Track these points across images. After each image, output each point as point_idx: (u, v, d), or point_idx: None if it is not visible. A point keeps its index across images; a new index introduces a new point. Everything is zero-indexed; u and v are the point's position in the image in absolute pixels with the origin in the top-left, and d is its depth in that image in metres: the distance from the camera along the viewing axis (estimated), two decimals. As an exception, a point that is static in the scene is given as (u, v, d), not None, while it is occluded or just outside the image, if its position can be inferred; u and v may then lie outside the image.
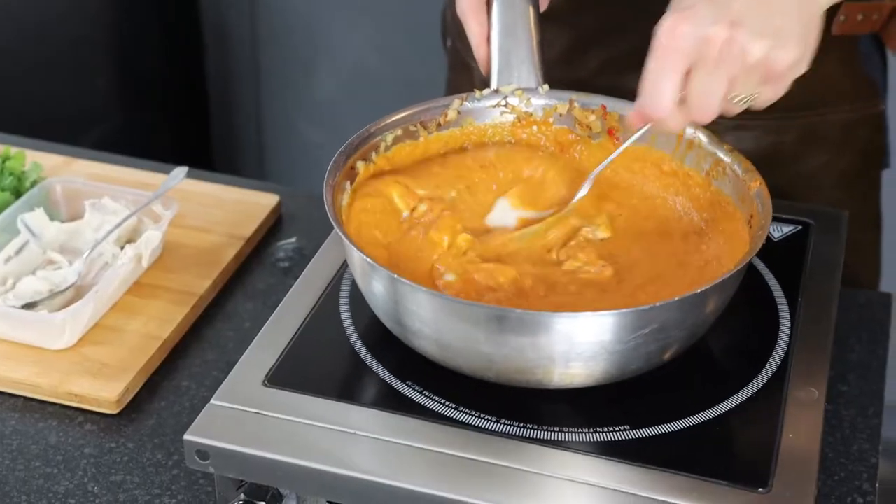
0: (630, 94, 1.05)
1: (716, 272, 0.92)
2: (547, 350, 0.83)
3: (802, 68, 0.88)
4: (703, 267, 0.94)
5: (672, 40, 0.85)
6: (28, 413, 1.01)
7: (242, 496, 0.86)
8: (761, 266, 1.02)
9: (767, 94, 0.89)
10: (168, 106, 2.50)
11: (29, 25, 2.11)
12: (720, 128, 1.01)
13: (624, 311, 0.83)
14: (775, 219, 1.08)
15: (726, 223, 0.97)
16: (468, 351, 0.85)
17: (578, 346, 0.83)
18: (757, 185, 0.94)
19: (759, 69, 0.85)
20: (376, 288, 0.88)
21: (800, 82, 1.20)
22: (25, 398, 1.02)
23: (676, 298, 0.83)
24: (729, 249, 0.94)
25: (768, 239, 1.05)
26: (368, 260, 0.86)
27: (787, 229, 1.07)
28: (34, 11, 2.11)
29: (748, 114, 1.09)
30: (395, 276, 0.85)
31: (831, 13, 1.16)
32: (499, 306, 0.87)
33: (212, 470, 0.85)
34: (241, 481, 0.87)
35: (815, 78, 1.20)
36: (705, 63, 0.85)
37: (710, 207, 0.98)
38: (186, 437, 0.85)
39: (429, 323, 0.86)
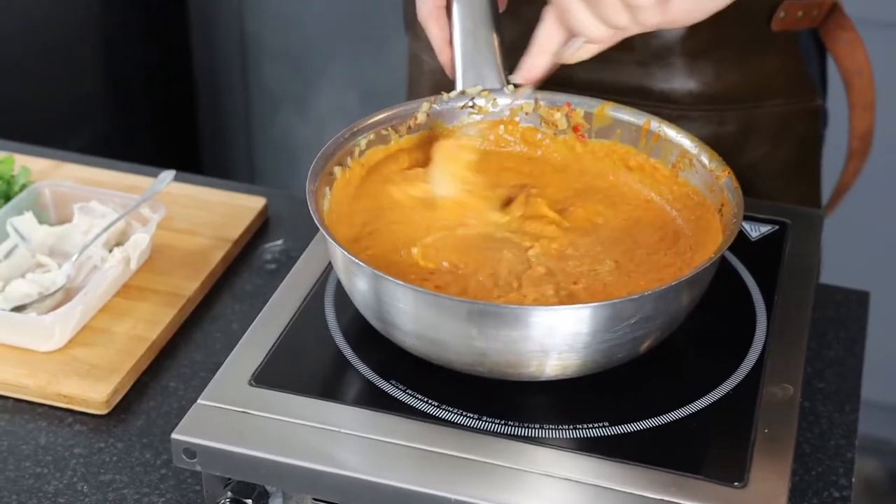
0: (579, 83, 1.08)
1: (691, 262, 0.94)
2: (538, 342, 0.85)
3: None
4: (680, 259, 0.95)
5: None
6: (18, 414, 1.02)
7: (229, 494, 0.88)
8: (738, 265, 1.04)
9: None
10: (157, 109, 2.51)
11: (15, 29, 2.11)
12: (663, 118, 1.03)
13: (605, 303, 0.85)
14: (753, 219, 1.10)
15: (697, 214, 0.98)
16: (458, 346, 0.87)
17: (568, 337, 0.85)
18: (726, 174, 0.96)
19: None
20: (360, 285, 0.90)
21: (741, 76, 1.23)
22: (15, 399, 1.03)
23: (654, 290, 0.85)
24: (702, 240, 0.96)
25: (746, 239, 1.08)
26: (353, 258, 0.88)
27: (764, 229, 1.09)
28: (20, 15, 2.12)
29: (689, 104, 1.12)
30: (379, 272, 0.86)
31: (771, 10, 1.18)
32: (484, 301, 0.88)
33: (199, 468, 0.87)
34: (228, 479, 0.88)
35: (755, 73, 1.23)
36: None
37: (679, 200, 1.00)
38: (174, 435, 0.86)
39: (413, 319, 0.87)
